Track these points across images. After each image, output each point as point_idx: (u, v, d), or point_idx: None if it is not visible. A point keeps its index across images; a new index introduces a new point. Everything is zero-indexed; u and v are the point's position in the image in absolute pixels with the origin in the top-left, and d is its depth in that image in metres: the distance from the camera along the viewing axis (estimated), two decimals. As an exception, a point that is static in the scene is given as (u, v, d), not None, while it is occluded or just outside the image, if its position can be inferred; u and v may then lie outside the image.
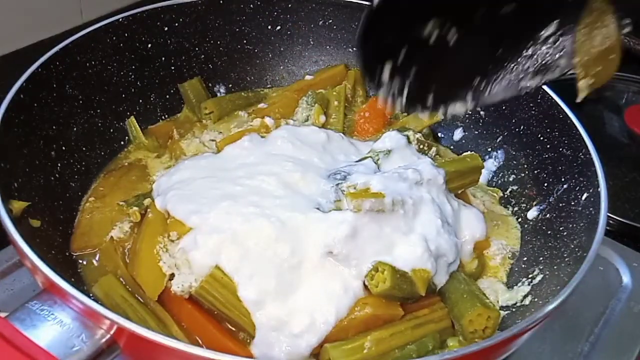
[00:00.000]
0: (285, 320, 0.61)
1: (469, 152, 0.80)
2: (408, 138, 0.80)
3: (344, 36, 0.94)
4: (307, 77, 0.94)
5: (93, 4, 1.10)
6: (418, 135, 0.82)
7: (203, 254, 0.63)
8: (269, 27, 0.92)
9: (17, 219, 0.60)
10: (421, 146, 0.82)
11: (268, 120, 0.84)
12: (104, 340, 0.53)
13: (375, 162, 0.76)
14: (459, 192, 0.79)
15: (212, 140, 0.84)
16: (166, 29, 0.85)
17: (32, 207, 0.65)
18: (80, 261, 0.70)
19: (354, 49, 0.93)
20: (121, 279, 0.66)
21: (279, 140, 0.77)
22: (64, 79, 0.75)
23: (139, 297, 0.65)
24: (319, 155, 0.77)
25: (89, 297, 0.52)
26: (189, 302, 0.64)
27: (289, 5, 0.91)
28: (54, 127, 0.74)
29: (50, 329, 0.53)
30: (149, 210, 0.70)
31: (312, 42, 0.94)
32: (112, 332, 0.53)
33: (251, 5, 0.90)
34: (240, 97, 0.91)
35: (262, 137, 0.79)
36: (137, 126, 0.83)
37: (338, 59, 0.95)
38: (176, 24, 0.86)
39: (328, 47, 0.95)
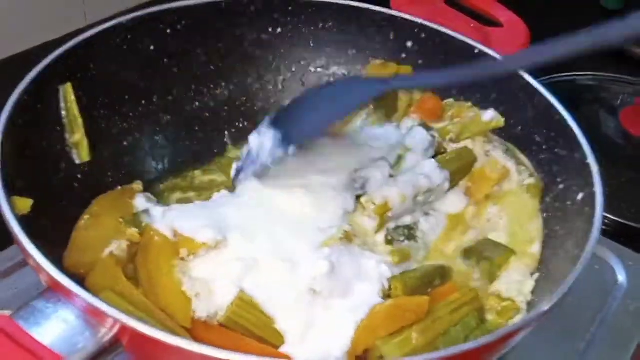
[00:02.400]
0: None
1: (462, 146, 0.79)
2: (434, 138, 0.76)
3: (343, 38, 0.95)
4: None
5: (97, 7, 1.10)
6: (439, 138, 0.79)
7: (227, 284, 0.63)
8: (270, 29, 0.93)
9: (21, 218, 0.61)
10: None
11: None
12: (107, 338, 0.53)
13: (390, 164, 0.73)
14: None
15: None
16: (169, 31, 0.86)
17: (36, 206, 0.65)
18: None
19: (354, 51, 0.95)
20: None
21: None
22: (68, 81, 0.75)
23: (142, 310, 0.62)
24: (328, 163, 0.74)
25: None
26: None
27: (290, 9, 0.92)
28: (57, 129, 0.75)
29: (54, 327, 0.53)
30: (152, 232, 0.67)
31: (312, 45, 0.95)
32: (115, 330, 0.53)
33: (252, 9, 0.91)
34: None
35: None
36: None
37: (337, 60, 0.96)
38: (178, 27, 0.86)
39: (327, 49, 0.95)
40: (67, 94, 0.75)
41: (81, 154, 0.76)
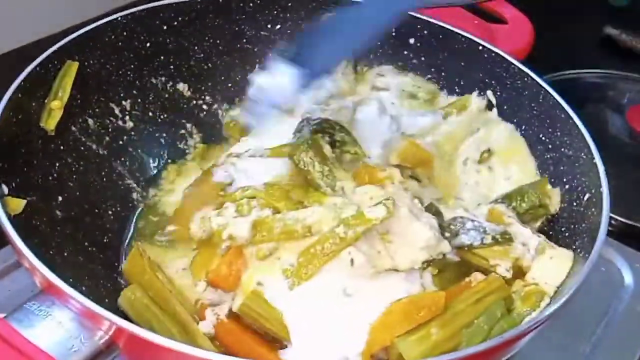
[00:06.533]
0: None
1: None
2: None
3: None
4: None
5: (92, 3, 1.10)
6: None
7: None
8: (269, 26, 0.92)
9: (15, 218, 0.60)
10: None
11: None
12: (102, 341, 0.53)
13: None
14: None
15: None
16: (165, 27, 0.85)
17: (30, 207, 0.64)
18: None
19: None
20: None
21: None
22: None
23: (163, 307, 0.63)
24: None
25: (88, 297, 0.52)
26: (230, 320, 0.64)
27: (289, 5, 0.91)
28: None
29: (48, 329, 0.52)
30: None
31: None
32: (110, 332, 0.52)
33: (251, 4, 0.89)
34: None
35: None
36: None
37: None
38: (175, 23, 0.85)
39: (328, 46, 0.94)
40: (71, 70, 0.74)
41: (48, 121, 0.73)
